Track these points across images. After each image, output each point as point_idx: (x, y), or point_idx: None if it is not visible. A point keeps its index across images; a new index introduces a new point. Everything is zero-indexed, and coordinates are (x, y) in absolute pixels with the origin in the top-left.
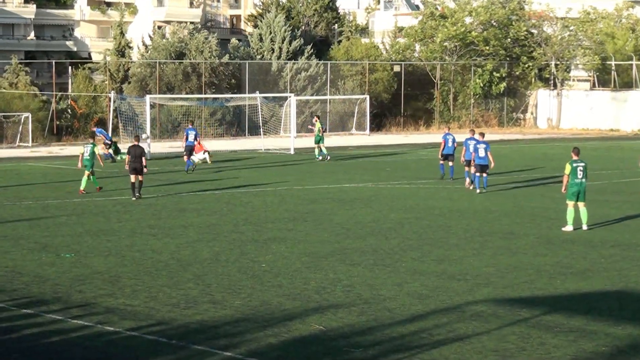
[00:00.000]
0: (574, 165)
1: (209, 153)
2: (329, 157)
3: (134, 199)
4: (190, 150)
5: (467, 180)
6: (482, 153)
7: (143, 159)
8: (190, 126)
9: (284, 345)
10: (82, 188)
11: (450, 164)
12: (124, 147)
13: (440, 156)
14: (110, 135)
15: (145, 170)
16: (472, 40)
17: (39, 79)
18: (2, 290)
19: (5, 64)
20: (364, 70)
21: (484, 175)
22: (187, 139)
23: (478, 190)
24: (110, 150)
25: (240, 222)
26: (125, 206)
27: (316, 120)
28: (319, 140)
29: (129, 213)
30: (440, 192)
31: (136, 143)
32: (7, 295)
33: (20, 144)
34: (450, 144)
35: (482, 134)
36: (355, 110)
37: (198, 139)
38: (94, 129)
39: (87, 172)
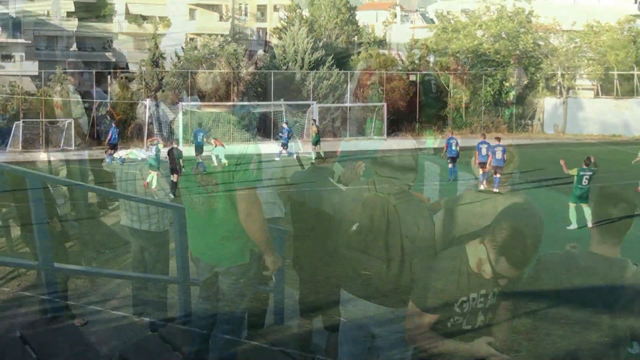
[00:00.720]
0: (581, 173)
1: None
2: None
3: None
4: (199, 149)
5: (483, 182)
6: (499, 155)
7: (180, 160)
8: (198, 128)
9: (306, 335)
10: (153, 187)
11: (453, 165)
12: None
13: (444, 157)
14: (117, 138)
15: (182, 170)
16: (484, 52)
17: (81, 87)
18: (48, 284)
19: (50, 74)
20: (381, 79)
21: (497, 175)
22: (196, 139)
23: (496, 190)
24: (111, 153)
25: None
26: None
27: (312, 124)
28: (316, 142)
29: None
30: (452, 193)
31: (175, 145)
32: (52, 288)
33: (64, 147)
34: (453, 147)
35: (499, 138)
36: (373, 116)
37: (205, 139)
38: (114, 124)
39: (155, 172)
